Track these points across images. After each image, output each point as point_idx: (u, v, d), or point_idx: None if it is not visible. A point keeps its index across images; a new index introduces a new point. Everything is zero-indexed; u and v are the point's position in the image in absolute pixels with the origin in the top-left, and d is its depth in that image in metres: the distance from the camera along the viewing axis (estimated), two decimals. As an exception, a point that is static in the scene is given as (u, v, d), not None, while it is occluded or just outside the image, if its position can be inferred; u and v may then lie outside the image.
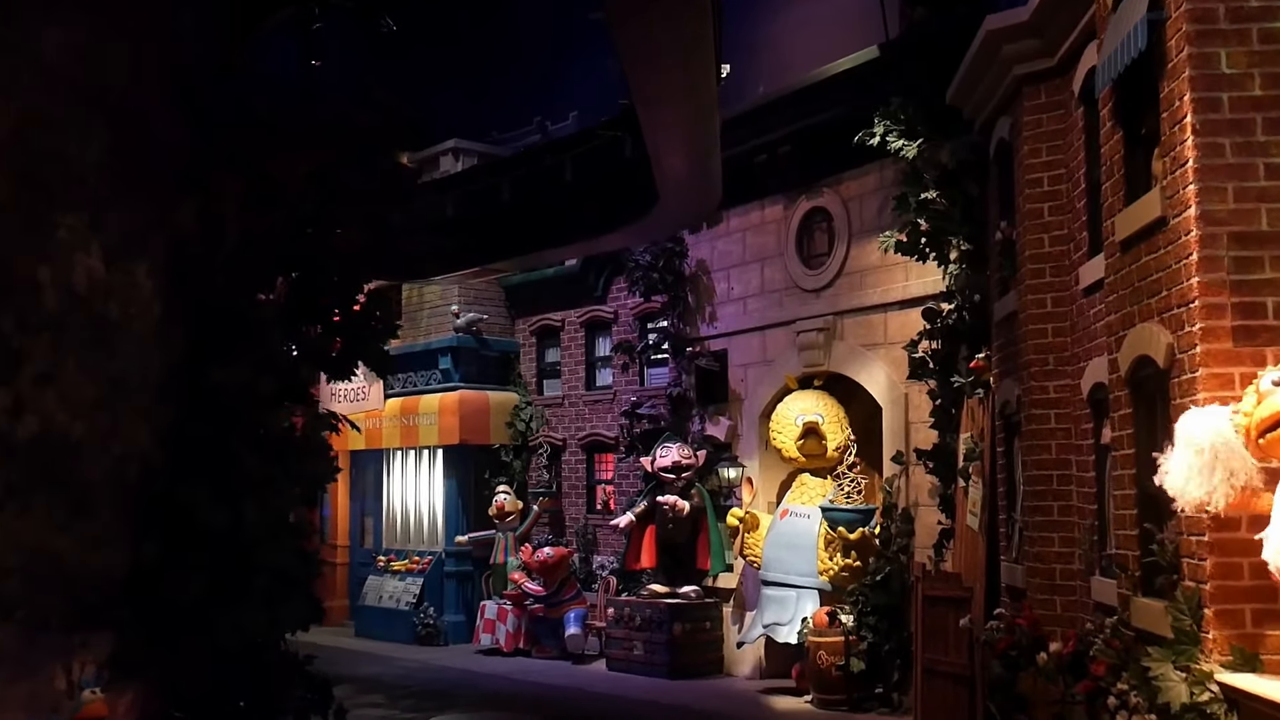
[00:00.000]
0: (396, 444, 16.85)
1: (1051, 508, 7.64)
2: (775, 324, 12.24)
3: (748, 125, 11.98)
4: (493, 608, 14.73)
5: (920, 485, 10.37)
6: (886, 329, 10.93)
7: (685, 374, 13.42)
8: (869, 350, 11.10)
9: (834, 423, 11.32)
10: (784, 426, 11.44)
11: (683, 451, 12.65)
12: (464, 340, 16.08)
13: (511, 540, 15.14)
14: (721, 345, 13.03)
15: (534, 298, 16.29)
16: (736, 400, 12.80)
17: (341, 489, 18.55)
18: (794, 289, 12.05)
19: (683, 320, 13.57)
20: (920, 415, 10.37)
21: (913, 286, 10.58)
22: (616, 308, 15.03)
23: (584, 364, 15.62)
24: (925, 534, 10.24)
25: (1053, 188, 7.80)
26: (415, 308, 17.10)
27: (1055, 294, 7.75)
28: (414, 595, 15.93)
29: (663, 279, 13.45)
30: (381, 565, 16.84)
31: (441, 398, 15.99)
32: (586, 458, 15.52)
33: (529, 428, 16.12)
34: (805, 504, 11.37)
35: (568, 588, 14.01)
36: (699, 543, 12.67)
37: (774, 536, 11.49)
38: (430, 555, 16.24)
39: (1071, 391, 7.56)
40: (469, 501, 16.18)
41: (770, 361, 12.33)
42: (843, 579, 10.74)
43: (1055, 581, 7.58)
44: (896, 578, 10.24)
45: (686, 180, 10.04)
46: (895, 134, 9.98)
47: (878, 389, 10.96)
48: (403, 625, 15.78)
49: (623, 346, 14.10)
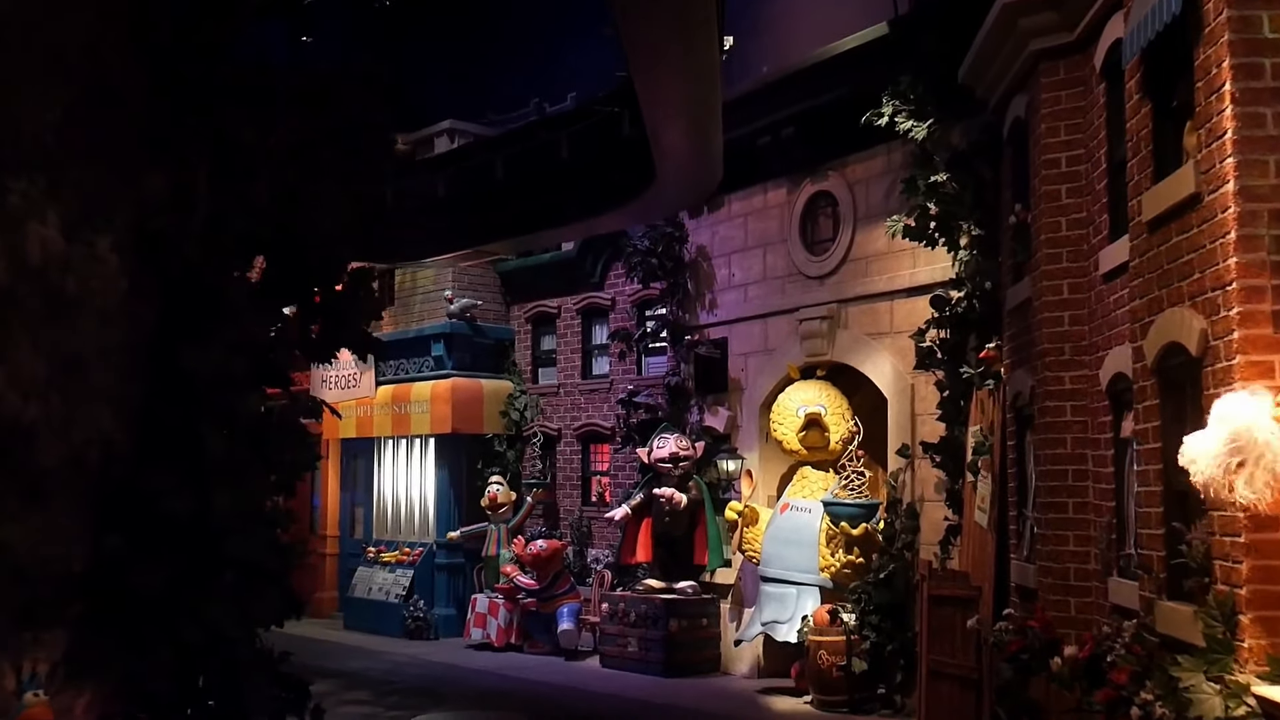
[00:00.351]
0: (388, 432, 16.53)
1: (1066, 504, 7.33)
2: (777, 312, 11.91)
3: (751, 106, 11.64)
4: (484, 601, 14.42)
5: (926, 480, 10.06)
6: (893, 317, 10.60)
7: (684, 363, 13.10)
8: (874, 339, 10.78)
9: (837, 414, 11.00)
10: (785, 417, 11.13)
11: (680, 443, 12.32)
12: (457, 326, 15.75)
13: (504, 532, 14.84)
14: (721, 333, 12.70)
15: (530, 284, 15.96)
16: (736, 390, 12.48)
17: (332, 478, 18.24)
18: (797, 275, 11.73)
19: (682, 307, 13.25)
20: (927, 407, 10.06)
21: (920, 273, 10.25)
22: (614, 294, 14.70)
23: (580, 352, 15.30)
24: (931, 530, 9.93)
25: (1071, 168, 7.47)
26: (408, 293, 16.78)
27: (1073, 280, 7.42)
28: (404, 588, 15.62)
29: (662, 265, 13.12)
30: (371, 556, 16.53)
31: (434, 385, 15.67)
32: (582, 448, 15.20)
33: (523, 417, 15.80)
34: (806, 498, 11.06)
35: (561, 582, 13.70)
36: (696, 537, 12.35)
37: (774, 531, 11.18)
38: (421, 547, 15.93)
39: (1089, 382, 7.24)
40: (461, 492, 15.86)
41: (772, 350, 12.01)
42: (845, 576, 10.42)
43: (1070, 582, 7.27)
44: (901, 575, 9.93)
45: (686, 156, 9.70)
46: (904, 114, 9.66)
47: (883, 380, 10.64)
48: (392, 618, 15.47)
49: (620, 334, 13.77)
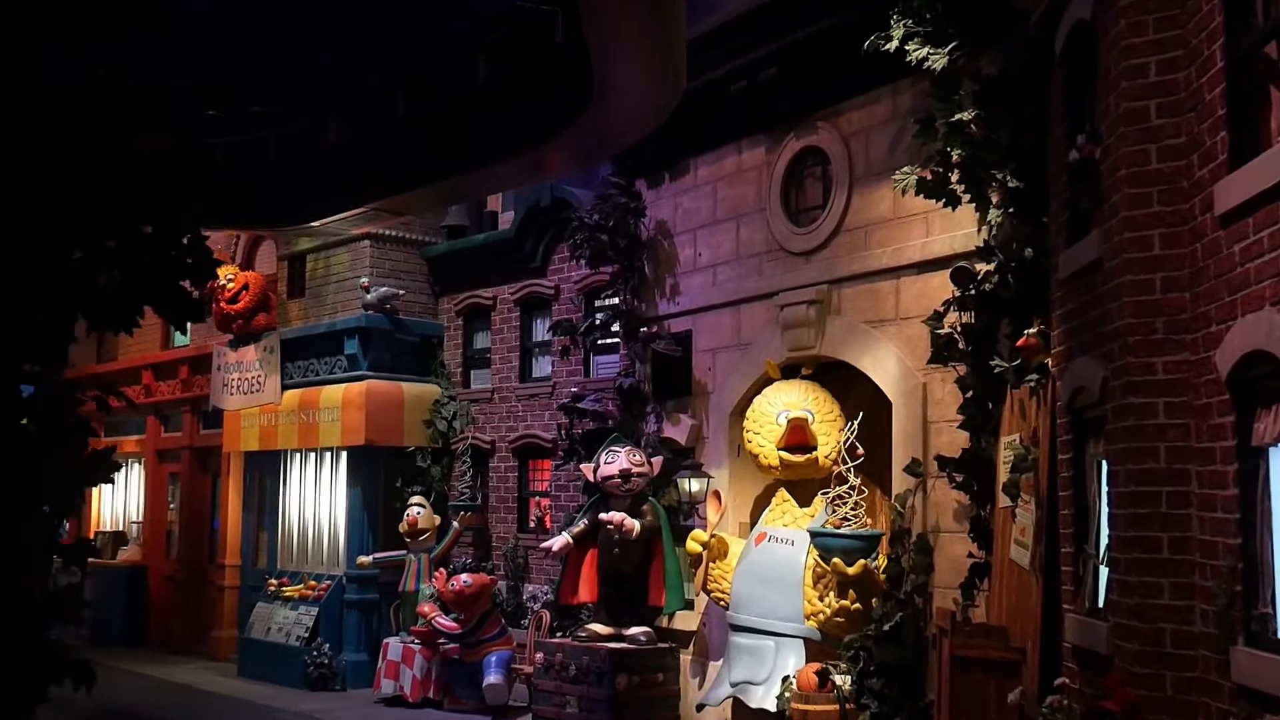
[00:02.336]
0: (294, 445, 14.40)
1: (1159, 540, 5.38)
2: (753, 297, 9.93)
3: (722, 43, 9.69)
4: (397, 647, 12.28)
5: (943, 504, 8.08)
6: (899, 300, 8.63)
7: (639, 361, 11.09)
8: (875, 328, 8.81)
9: (827, 421, 9.00)
10: (763, 426, 9.12)
11: (633, 457, 10.25)
12: (375, 320, 13.66)
13: (425, 563, 12.73)
14: (685, 325, 10.70)
15: (461, 271, 13.92)
16: (702, 394, 10.47)
17: (234, 498, 16.06)
18: (778, 253, 9.75)
19: (637, 296, 11.25)
20: (944, 411, 8.09)
21: (936, 243, 8.30)
22: (558, 281, 12.69)
23: (519, 350, 13.25)
24: (949, 570, 7.94)
25: (1164, 77, 5.54)
26: (320, 281, 14.69)
27: (1166, 229, 5.48)
28: (307, 628, 13.48)
29: (614, 243, 11.10)
30: (272, 591, 14.36)
31: (345, 389, 13.56)
32: (519, 464, 13.15)
33: (451, 427, 13.73)
34: (789, 526, 9.04)
35: (489, 624, 11.60)
36: (651, 573, 10.25)
37: (747, 567, 9.15)
38: (329, 580, 13.79)
39: (1194, 370, 5.30)
40: (377, 515, 13.74)
41: (745, 345, 10.01)
42: (837, 626, 8.39)
43: (1164, 649, 5.32)
44: (910, 627, 7.92)
45: (638, 57, 7.68)
46: (917, 40, 7.71)
47: (886, 378, 8.66)
48: (293, 664, 13.31)
49: (562, 326, 11.70)
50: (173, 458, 17.78)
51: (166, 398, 17.53)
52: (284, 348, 14.70)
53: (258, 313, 15.13)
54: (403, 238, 14.10)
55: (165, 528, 18.02)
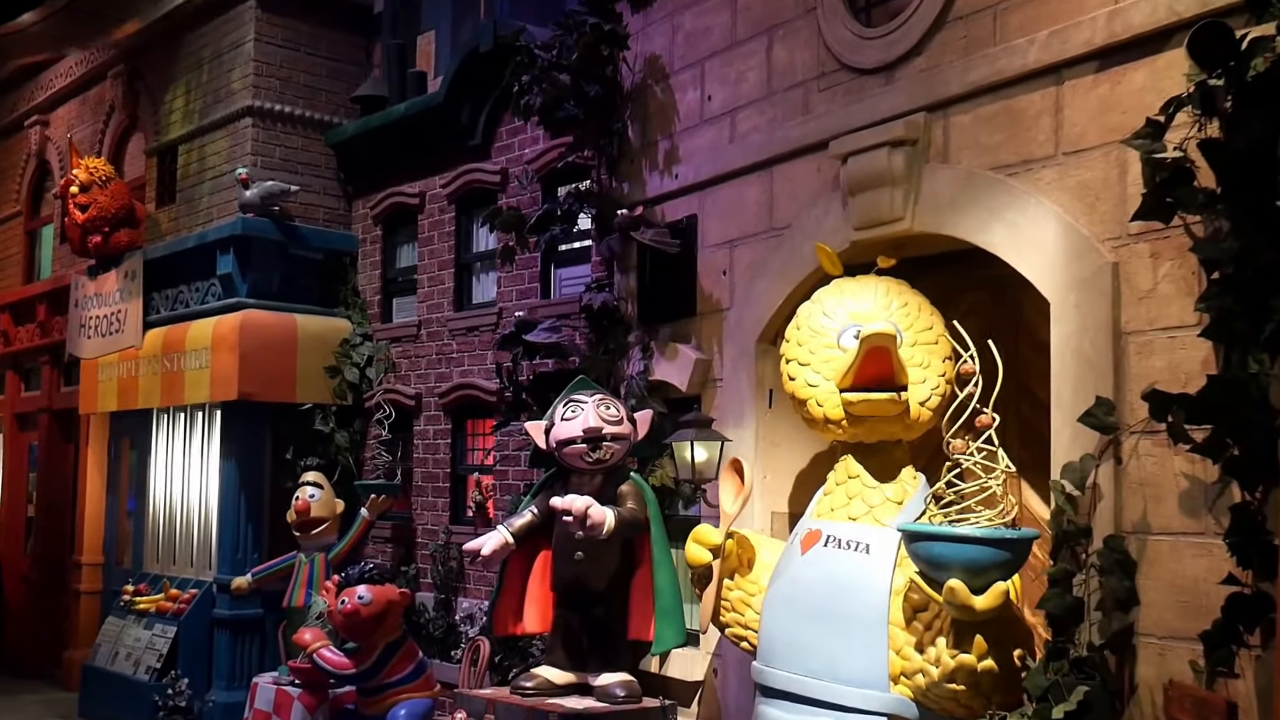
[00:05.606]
0: (156, 402, 10.94)
1: None
2: (794, 151, 6.41)
3: None
4: (268, 690, 8.79)
5: (1159, 481, 4.53)
6: (1062, 122, 5.07)
7: (618, 270, 7.60)
8: (1014, 176, 5.26)
9: (925, 345, 5.45)
10: (815, 352, 5.56)
11: (606, 411, 6.69)
12: (256, 226, 10.17)
13: (321, 566, 9.29)
14: (687, 208, 7.22)
15: (376, 160, 10.43)
16: (713, 312, 6.98)
17: (93, 475, 12.67)
18: (836, 74, 6.22)
19: (615, 172, 7.76)
20: (1161, 312, 4.56)
21: (1136, 8, 4.74)
22: (506, 162, 9.20)
23: (453, 266, 9.76)
24: (1174, 604, 4.42)
25: None
26: (193, 181, 11.20)
27: None
28: (160, 655, 10.04)
29: (577, 90, 7.57)
30: (125, 601, 10.94)
31: (216, 323, 10.09)
32: (453, 426, 9.67)
33: (364, 377, 10.26)
34: (859, 521, 5.47)
35: (399, 661, 8.05)
36: (633, 591, 6.73)
37: (788, 589, 5.59)
38: (195, 587, 10.35)
39: None
40: (260, 500, 10.28)
41: (781, 230, 6.50)
42: (952, 700, 4.87)
43: None
44: (1103, 706, 4.41)
45: None
46: None
47: (1039, 264, 5.11)
48: (140, 705, 9.91)
49: (505, 217, 8.13)
50: (33, 424, 14.35)
51: (25, 345, 14.11)
52: (147, 271, 11.24)
53: (120, 227, 11.68)
54: (300, 115, 10.63)
55: (25, 514, 14.58)
